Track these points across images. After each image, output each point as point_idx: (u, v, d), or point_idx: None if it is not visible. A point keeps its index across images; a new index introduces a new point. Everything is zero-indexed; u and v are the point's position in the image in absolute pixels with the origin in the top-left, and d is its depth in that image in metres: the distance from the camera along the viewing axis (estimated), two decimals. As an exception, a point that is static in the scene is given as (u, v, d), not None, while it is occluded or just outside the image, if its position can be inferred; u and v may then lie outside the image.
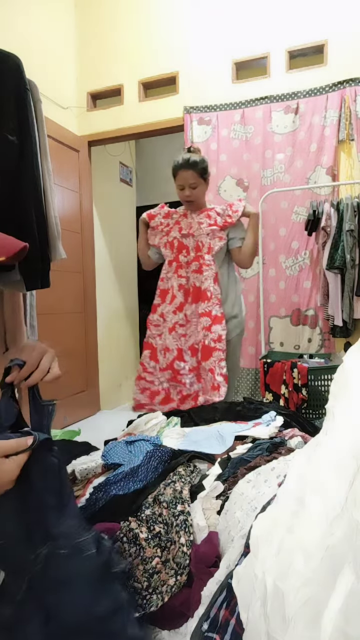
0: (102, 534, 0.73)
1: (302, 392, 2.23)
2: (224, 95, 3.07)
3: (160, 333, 2.27)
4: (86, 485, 1.25)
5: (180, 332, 2.21)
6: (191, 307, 2.20)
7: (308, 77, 2.88)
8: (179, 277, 2.21)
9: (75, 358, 3.32)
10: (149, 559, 0.89)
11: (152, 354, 2.28)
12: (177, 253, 2.22)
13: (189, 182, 2.15)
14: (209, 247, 2.17)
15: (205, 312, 2.16)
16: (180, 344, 2.21)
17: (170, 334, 2.22)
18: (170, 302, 2.23)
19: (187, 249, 2.21)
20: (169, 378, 2.21)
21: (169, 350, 2.21)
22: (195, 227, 2.19)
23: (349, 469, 0.57)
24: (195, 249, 2.20)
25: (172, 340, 2.21)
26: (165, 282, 2.26)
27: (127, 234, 4.32)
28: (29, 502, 0.65)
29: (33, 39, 2.93)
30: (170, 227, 2.25)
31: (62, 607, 0.63)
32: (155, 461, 1.23)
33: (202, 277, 2.17)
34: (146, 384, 2.26)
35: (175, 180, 2.20)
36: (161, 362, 2.24)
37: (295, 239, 2.96)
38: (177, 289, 2.21)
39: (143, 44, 3.26)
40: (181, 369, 2.19)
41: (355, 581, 0.47)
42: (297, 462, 0.77)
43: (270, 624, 0.53)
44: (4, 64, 1.59)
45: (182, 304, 2.21)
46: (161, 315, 2.26)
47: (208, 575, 0.82)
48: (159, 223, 2.27)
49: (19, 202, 1.63)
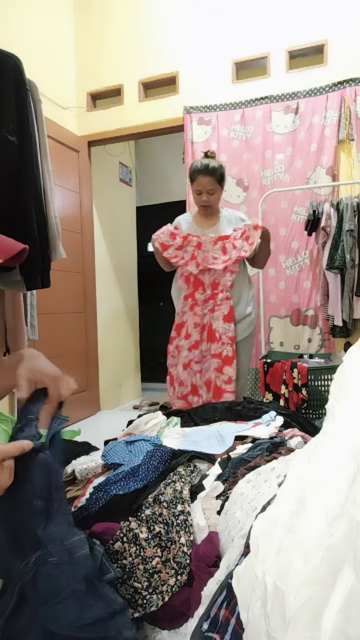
0: (94, 540, 0.72)
1: (302, 392, 2.23)
2: (224, 95, 3.07)
3: (175, 364, 2.36)
4: (86, 485, 1.25)
5: (195, 369, 2.30)
6: (207, 345, 2.28)
7: (308, 77, 2.88)
8: (194, 315, 2.26)
9: (75, 358, 3.32)
10: (149, 559, 0.89)
11: (171, 381, 2.40)
12: (194, 290, 2.26)
13: (207, 188, 2.19)
14: (224, 286, 2.23)
15: (216, 354, 2.24)
16: (195, 380, 2.30)
17: (185, 370, 2.30)
18: (186, 338, 2.29)
19: (204, 286, 2.25)
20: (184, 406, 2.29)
21: (183, 384, 2.31)
22: (211, 262, 2.21)
23: (349, 469, 0.57)
24: (211, 287, 2.25)
25: (187, 376, 2.30)
26: (181, 317, 2.33)
27: (127, 234, 4.32)
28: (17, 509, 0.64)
29: (33, 39, 2.93)
30: (187, 261, 2.24)
31: (55, 616, 0.62)
32: (155, 461, 1.23)
33: (216, 315, 2.24)
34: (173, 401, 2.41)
35: (192, 185, 2.24)
36: (177, 391, 2.35)
37: (295, 239, 2.96)
38: (192, 326, 2.27)
39: (143, 44, 3.26)
40: (194, 402, 2.28)
41: (355, 581, 0.47)
42: (297, 462, 0.77)
43: (270, 624, 0.54)
44: (4, 64, 1.60)
45: (198, 342, 2.28)
46: (176, 347, 2.35)
47: (208, 575, 0.82)
48: (173, 256, 2.25)
49: (20, 202, 1.64)
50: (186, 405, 2.28)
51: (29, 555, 0.63)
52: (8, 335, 2.02)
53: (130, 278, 4.34)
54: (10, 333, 2.02)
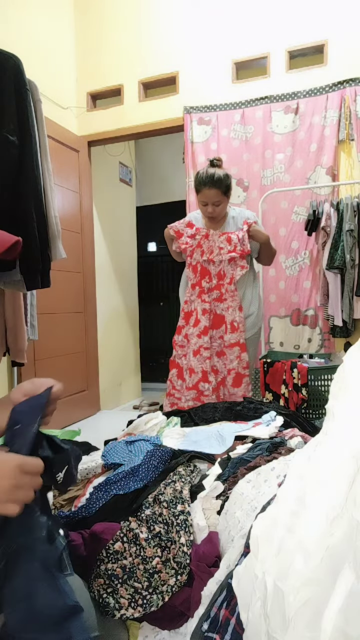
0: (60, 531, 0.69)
1: (302, 392, 2.23)
2: (224, 95, 3.07)
3: (185, 353, 2.39)
4: (86, 485, 1.25)
5: (205, 355, 2.31)
6: (213, 332, 2.33)
7: (308, 77, 2.88)
8: (203, 302, 2.31)
9: (75, 358, 3.32)
10: (149, 559, 0.89)
11: (179, 373, 2.41)
12: (200, 278, 2.32)
13: (212, 200, 2.20)
14: (232, 278, 2.28)
15: (236, 343, 2.28)
16: (205, 366, 2.30)
17: (195, 357, 2.32)
18: (195, 325, 2.33)
19: (210, 276, 2.31)
20: (193, 397, 2.31)
21: (194, 372, 2.32)
22: (216, 252, 2.27)
23: (349, 469, 0.57)
24: (217, 277, 2.30)
25: (197, 362, 2.31)
26: (189, 305, 2.37)
27: (127, 234, 4.32)
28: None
29: (33, 39, 2.93)
30: (193, 249, 2.31)
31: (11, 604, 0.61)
32: (155, 460, 1.23)
33: (223, 305, 2.30)
34: (174, 399, 2.40)
35: (197, 195, 2.26)
36: (187, 382, 2.35)
37: (295, 239, 2.96)
38: (201, 313, 2.31)
39: (143, 44, 3.26)
40: (205, 389, 2.29)
41: (355, 581, 0.47)
42: (297, 462, 0.77)
43: (270, 624, 0.54)
44: (4, 64, 1.60)
45: (207, 328, 2.31)
46: (185, 336, 2.38)
47: (208, 575, 0.82)
48: (184, 242, 2.33)
49: (20, 202, 1.64)
50: (197, 394, 2.28)
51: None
52: (8, 335, 2.02)
53: (130, 278, 4.34)
54: (10, 333, 2.02)
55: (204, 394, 2.28)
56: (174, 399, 2.39)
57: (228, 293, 2.28)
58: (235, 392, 2.30)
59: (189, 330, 2.35)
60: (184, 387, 2.35)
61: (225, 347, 2.30)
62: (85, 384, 3.43)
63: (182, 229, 2.35)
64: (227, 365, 2.31)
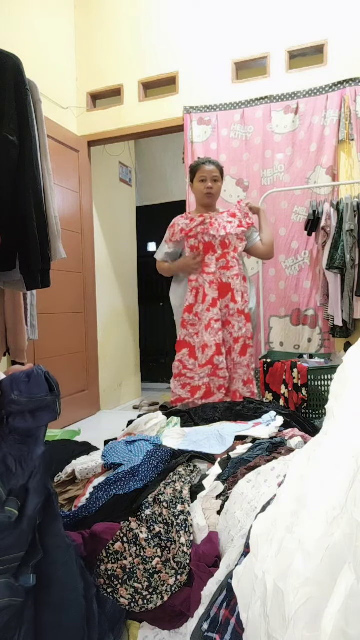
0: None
1: (302, 392, 2.23)
2: (224, 95, 3.07)
3: (197, 332, 2.38)
4: (86, 485, 1.25)
5: (216, 328, 2.31)
6: (220, 301, 2.33)
7: (308, 77, 2.88)
8: (207, 274, 2.33)
9: (75, 358, 3.32)
10: (150, 559, 0.89)
11: (191, 352, 2.39)
12: (204, 254, 2.34)
13: (211, 175, 2.31)
14: (235, 248, 2.34)
15: (240, 311, 2.32)
16: (218, 338, 2.30)
17: (207, 331, 2.32)
18: (204, 301, 2.34)
19: (213, 248, 2.34)
20: (209, 373, 2.30)
21: (207, 346, 2.31)
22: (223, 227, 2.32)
23: (349, 469, 0.57)
24: (221, 246, 2.34)
25: (209, 336, 2.31)
26: (196, 281, 2.38)
27: (127, 234, 4.32)
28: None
29: (33, 39, 2.93)
30: (196, 232, 2.35)
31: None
32: (155, 460, 1.23)
33: (230, 273, 2.32)
34: (187, 379, 2.36)
35: (196, 175, 2.34)
36: (200, 359, 2.34)
37: (295, 239, 2.96)
38: (208, 286, 2.33)
39: (143, 44, 3.26)
40: (220, 363, 2.29)
41: (355, 581, 0.47)
42: (297, 462, 0.77)
43: (270, 624, 0.54)
44: (4, 64, 1.60)
45: (215, 299, 2.32)
46: (196, 314, 2.38)
47: (208, 575, 0.82)
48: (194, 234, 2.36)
49: (20, 201, 1.64)
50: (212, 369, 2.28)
51: None
52: (8, 335, 2.02)
53: (130, 278, 4.34)
54: (10, 333, 2.02)
55: (219, 368, 2.27)
56: (186, 379, 2.36)
57: (234, 260, 2.32)
58: (240, 362, 2.32)
59: (199, 307, 2.35)
60: (197, 365, 2.34)
61: (230, 315, 2.32)
62: (85, 384, 3.43)
63: (186, 226, 2.37)
64: (233, 334, 2.32)
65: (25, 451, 0.73)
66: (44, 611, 0.71)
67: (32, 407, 0.73)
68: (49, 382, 0.76)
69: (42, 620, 0.71)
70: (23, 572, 0.68)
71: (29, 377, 0.75)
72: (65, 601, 0.73)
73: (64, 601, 0.73)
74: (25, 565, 0.68)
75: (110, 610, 0.82)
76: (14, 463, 0.71)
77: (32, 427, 0.75)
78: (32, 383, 0.74)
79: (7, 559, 0.66)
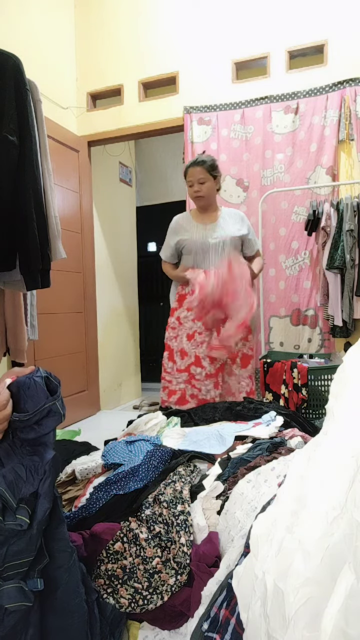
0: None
1: (302, 392, 2.23)
2: (224, 95, 3.07)
3: (176, 335, 2.36)
4: (86, 485, 1.25)
5: (199, 340, 2.28)
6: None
7: (308, 77, 2.88)
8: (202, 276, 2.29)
9: (75, 358, 3.32)
10: (150, 559, 0.89)
11: (170, 355, 2.38)
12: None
13: (197, 178, 2.25)
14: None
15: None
16: (199, 351, 2.28)
17: (190, 341, 2.30)
18: (189, 309, 2.30)
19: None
20: (185, 380, 2.29)
21: (186, 354, 2.30)
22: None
23: (349, 469, 0.57)
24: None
25: (190, 346, 2.29)
26: (186, 288, 2.35)
27: (127, 234, 4.32)
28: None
29: (33, 39, 2.93)
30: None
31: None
32: (155, 460, 1.23)
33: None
34: (166, 383, 2.37)
35: (186, 182, 2.31)
36: (178, 364, 2.33)
37: (295, 239, 2.96)
38: None
39: (143, 44, 3.26)
40: (197, 374, 2.27)
41: (355, 581, 0.47)
42: (297, 462, 0.77)
43: (270, 624, 0.54)
44: (4, 64, 1.59)
45: None
46: (177, 318, 2.36)
47: (208, 575, 0.82)
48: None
49: (20, 202, 1.64)
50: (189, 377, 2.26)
51: None
52: (8, 335, 2.02)
53: (130, 278, 4.34)
54: (10, 333, 2.02)
55: (195, 378, 2.25)
56: (165, 382, 2.36)
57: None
58: (241, 374, 2.30)
59: (182, 313, 2.33)
60: (175, 369, 2.32)
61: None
62: (85, 384, 3.43)
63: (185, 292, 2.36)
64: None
65: (37, 461, 0.72)
66: (49, 615, 0.72)
67: (36, 419, 0.73)
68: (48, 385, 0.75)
69: (47, 624, 0.72)
70: (30, 576, 0.68)
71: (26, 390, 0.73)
72: (69, 606, 0.73)
73: (69, 606, 0.73)
74: (32, 570, 0.69)
75: (111, 615, 0.82)
76: (25, 471, 0.71)
77: (41, 434, 0.74)
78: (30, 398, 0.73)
79: (16, 563, 0.66)
